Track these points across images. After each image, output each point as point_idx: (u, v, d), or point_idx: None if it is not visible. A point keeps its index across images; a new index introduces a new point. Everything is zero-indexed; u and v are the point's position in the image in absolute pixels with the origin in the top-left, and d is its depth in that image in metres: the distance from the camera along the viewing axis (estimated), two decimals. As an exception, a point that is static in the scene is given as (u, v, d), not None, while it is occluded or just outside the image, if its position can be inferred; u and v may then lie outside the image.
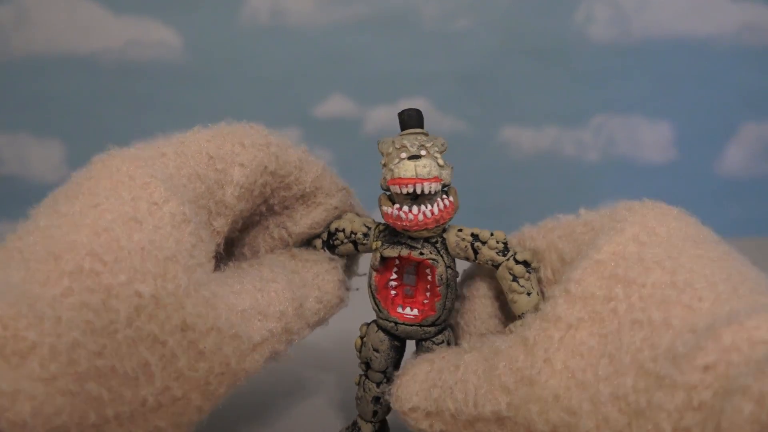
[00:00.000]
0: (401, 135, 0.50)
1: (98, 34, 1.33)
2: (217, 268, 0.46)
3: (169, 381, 0.38)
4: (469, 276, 0.54)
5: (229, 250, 0.54)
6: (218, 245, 0.47)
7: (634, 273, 0.41)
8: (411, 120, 0.50)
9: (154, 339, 0.37)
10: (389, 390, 0.51)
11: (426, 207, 0.48)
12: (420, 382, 0.48)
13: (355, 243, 0.53)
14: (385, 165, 0.49)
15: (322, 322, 0.52)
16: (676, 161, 1.40)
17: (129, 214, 0.40)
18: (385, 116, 1.36)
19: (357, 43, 1.33)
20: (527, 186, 1.36)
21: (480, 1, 1.34)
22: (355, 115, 1.36)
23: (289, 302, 0.47)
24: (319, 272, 0.52)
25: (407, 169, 0.47)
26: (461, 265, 0.53)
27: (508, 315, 0.52)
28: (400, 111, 0.51)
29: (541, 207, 0.51)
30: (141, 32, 1.33)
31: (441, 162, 0.49)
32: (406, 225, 0.48)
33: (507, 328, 0.48)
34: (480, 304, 0.53)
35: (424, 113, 0.51)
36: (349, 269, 0.58)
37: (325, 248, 0.55)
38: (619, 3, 1.35)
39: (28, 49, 1.33)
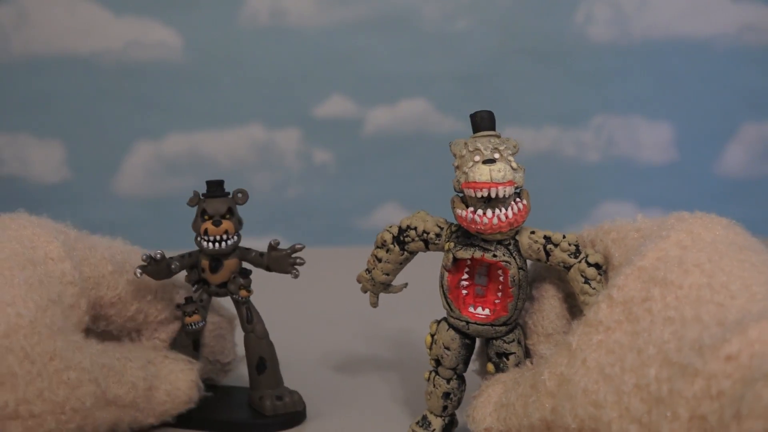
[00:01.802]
0: (474, 137, 0.50)
1: (98, 35, 1.33)
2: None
3: (30, 395, 0.43)
4: (539, 277, 0.55)
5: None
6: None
7: (673, 275, 0.41)
8: (484, 122, 0.50)
9: (24, 354, 0.43)
10: (466, 411, 0.52)
11: (500, 210, 0.48)
12: (493, 403, 0.50)
13: (426, 242, 0.54)
14: (458, 167, 0.49)
15: (167, 414, 0.55)
16: (676, 161, 1.40)
17: (26, 256, 0.47)
18: (385, 116, 1.36)
19: (357, 43, 1.34)
20: (527, 186, 1.36)
21: (480, 1, 1.34)
22: (355, 115, 1.36)
23: (141, 380, 0.51)
24: (174, 370, 0.55)
25: (482, 173, 0.48)
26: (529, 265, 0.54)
27: (576, 316, 0.52)
28: (472, 113, 0.51)
29: (541, 207, 0.52)
30: (141, 33, 1.33)
31: (514, 165, 0.49)
32: (480, 228, 0.49)
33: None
34: (548, 304, 0.53)
35: (424, 113, 0.51)
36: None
37: (395, 244, 0.55)
38: (619, 3, 1.35)
39: (28, 49, 1.33)
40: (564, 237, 0.50)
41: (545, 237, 0.50)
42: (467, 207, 0.49)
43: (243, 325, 0.60)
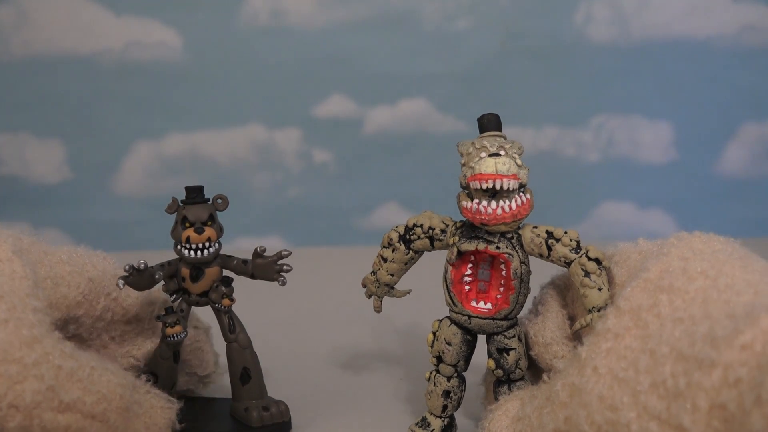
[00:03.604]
0: (481, 137, 0.53)
1: (99, 35, 1.33)
2: None
3: None
4: (543, 296, 0.57)
5: None
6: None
7: (679, 282, 0.43)
8: (490, 124, 0.53)
9: None
10: (481, 424, 0.53)
11: (504, 202, 0.50)
12: (511, 417, 0.51)
13: (431, 238, 0.55)
14: (464, 164, 0.52)
15: None
16: (676, 161, 1.40)
17: None
18: (385, 116, 1.36)
19: (357, 43, 1.34)
20: (527, 186, 1.36)
21: (480, 1, 1.34)
22: (355, 115, 1.36)
23: (117, 396, 0.48)
24: (155, 405, 0.53)
25: (488, 165, 0.50)
26: (538, 280, 0.56)
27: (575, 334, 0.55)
28: (479, 116, 0.53)
29: (541, 207, 0.52)
30: (141, 33, 1.33)
31: (519, 162, 0.51)
32: (485, 219, 0.50)
33: (578, 321, 0.50)
34: (550, 318, 0.55)
35: (424, 113, 0.52)
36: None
37: (401, 242, 0.56)
38: (619, 3, 1.35)
39: (28, 49, 1.33)
40: (566, 232, 0.52)
41: (547, 232, 0.52)
42: (472, 200, 0.51)
43: (225, 335, 0.58)
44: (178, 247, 0.55)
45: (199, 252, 0.55)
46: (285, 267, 0.57)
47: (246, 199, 1.37)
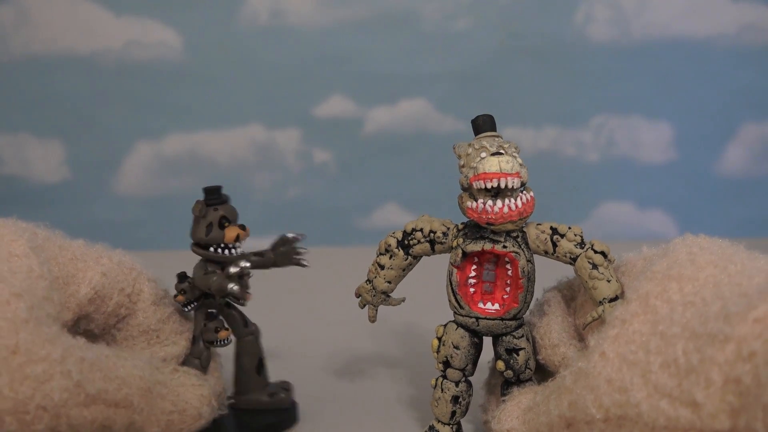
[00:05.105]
0: (478, 138, 0.52)
1: (98, 34, 1.33)
2: None
3: None
4: (548, 299, 0.57)
5: None
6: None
7: (688, 271, 0.43)
8: (486, 125, 0.53)
9: None
10: (492, 413, 0.53)
11: (509, 201, 0.50)
12: (522, 409, 0.51)
13: (432, 242, 0.55)
14: (464, 165, 0.51)
15: (177, 428, 0.52)
16: (676, 161, 1.40)
17: None
18: (385, 116, 1.36)
19: (357, 43, 1.34)
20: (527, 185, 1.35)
21: (480, 1, 1.34)
22: (355, 115, 1.36)
23: (137, 378, 0.48)
24: (184, 383, 0.53)
25: (492, 164, 0.49)
26: (539, 283, 0.55)
27: (578, 330, 0.55)
28: (473, 117, 0.53)
29: (540, 207, 0.52)
30: (141, 32, 1.33)
31: (520, 161, 0.51)
32: (491, 218, 0.50)
33: (589, 314, 0.50)
34: (554, 320, 0.55)
35: (424, 113, 0.52)
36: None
37: (400, 248, 0.55)
38: (619, 3, 1.35)
39: (28, 49, 1.33)
40: (569, 228, 0.52)
41: (551, 228, 0.52)
42: (476, 201, 0.50)
43: (239, 331, 0.59)
44: (221, 248, 0.56)
45: (239, 249, 0.57)
46: (302, 250, 0.61)
47: (246, 199, 1.37)
